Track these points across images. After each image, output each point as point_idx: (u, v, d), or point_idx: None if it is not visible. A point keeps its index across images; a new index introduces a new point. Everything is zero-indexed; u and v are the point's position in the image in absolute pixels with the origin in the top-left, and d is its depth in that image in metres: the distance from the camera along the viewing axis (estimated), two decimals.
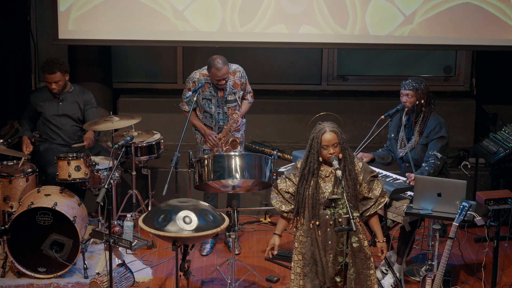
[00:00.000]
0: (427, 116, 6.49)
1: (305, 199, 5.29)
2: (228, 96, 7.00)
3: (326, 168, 5.32)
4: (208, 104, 7.01)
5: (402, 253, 6.50)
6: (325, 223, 5.28)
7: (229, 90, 6.97)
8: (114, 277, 5.96)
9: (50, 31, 7.99)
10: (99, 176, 7.08)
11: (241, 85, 7.03)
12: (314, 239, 5.32)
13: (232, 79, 6.99)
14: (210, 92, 6.98)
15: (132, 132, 7.25)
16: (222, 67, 6.81)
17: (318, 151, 5.27)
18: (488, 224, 5.96)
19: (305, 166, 5.31)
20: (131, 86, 8.92)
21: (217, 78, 6.83)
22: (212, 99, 6.99)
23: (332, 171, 5.29)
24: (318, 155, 5.27)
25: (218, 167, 6.46)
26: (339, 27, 7.87)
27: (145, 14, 7.81)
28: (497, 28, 7.85)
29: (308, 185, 5.29)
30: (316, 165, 5.29)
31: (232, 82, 6.99)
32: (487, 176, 7.84)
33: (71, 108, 7.45)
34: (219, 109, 7.01)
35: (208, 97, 6.99)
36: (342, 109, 8.54)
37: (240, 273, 6.71)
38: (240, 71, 7.05)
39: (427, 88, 6.50)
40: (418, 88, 6.46)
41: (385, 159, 6.70)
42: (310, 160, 5.30)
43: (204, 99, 7.00)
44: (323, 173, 5.31)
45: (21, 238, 6.58)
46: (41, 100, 7.45)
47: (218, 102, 6.99)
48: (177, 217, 5.62)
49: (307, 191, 5.28)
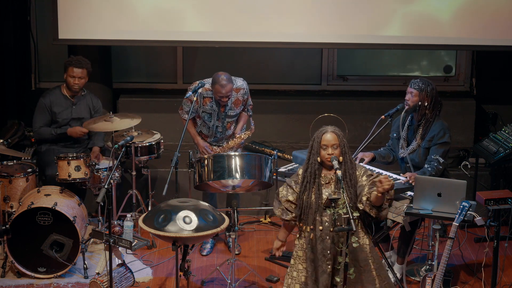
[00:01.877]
0: (431, 120, 6.45)
1: (308, 205, 5.25)
2: (229, 111, 6.99)
3: (326, 173, 5.27)
4: (208, 117, 7.00)
5: (402, 253, 6.50)
6: (326, 231, 5.23)
7: (230, 105, 6.96)
8: (114, 277, 5.96)
9: (50, 31, 7.99)
10: (99, 176, 7.08)
11: (243, 101, 7.02)
12: (315, 248, 5.27)
13: (235, 95, 6.96)
14: (211, 107, 6.96)
15: (132, 132, 7.25)
16: (227, 84, 6.76)
17: (318, 152, 5.24)
18: (488, 224, 5.95)
19: (307, 167, 5.28)
20: (131, 86, 8.92)
21: (220, 95, 6.81)
22: (213, 113, 6.98)
23: (332, 177, 5.25)
24: (317, 156, 5.24)
25: (218, 167, 6.46)
26: (339, 27, 7.87)
27: (145, 14, 7.81)
28: (497, 28, 7.85)
29: (311, 190, 5.25)
30: (317, 166, 5.25)
31: (234, 99, 6.96)
32: (487, 176, 7.84)
33: (84, 112, 7.39)
34: (218, 122, 7.00)
35: (209, 111, 6.98)
36: (342, 109, 8.53)
37: (240, 273, 6.71)
38: (244, 88, 7.00)
39: (433, 91, 6.44)
40: (423, 89, 6.41)
41: (386, 158, 6.70)
42: (311, 161, 5.26)
43: (204, 112, 6.99)
44: (323, 180, 5.26)
45: (21, 238, 6.58)
46: (56, 104, 7.32)
47: (219, 116, 6.97)
48: (177, 217, 5.62)
49: (310, 197, 5.23)
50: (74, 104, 7.36)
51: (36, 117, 7.35)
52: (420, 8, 7.82)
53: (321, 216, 5.24)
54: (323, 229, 5.24)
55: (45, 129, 7.30)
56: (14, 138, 8.26)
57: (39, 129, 7.32)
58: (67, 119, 7.33)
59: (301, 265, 5.36)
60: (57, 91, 7.37)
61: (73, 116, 7.35)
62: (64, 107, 7.33)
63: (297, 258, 5.38)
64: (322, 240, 5.24)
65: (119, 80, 8.83)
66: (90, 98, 7.44)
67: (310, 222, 5.26)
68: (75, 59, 7.27)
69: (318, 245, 5.25)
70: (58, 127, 7.32)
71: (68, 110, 7.34)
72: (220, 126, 7.02)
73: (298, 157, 6.62)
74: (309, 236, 5.28)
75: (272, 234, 7.47)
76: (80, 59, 7.27)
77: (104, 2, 7.78)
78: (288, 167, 6.68)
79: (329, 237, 5.23)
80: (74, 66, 7.24)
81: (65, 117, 7.33)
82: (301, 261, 5.36)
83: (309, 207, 5.25)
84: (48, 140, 7.33)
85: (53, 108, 7.30)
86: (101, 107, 7.52)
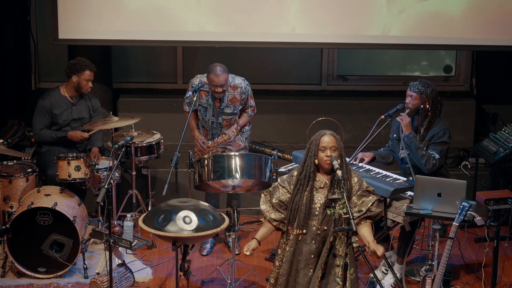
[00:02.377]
0: (432, 121, 6.45)
1: (298, 208, 5.24)
2: (225, 108, 6.98)
3: (321, 178, 5.26)
4: (203, 111, 6.99)
5: (402, 253, 6.50)
6: (312, 236, 5.24)
7: (226, 102, 6.95)
8: (114, 277, 5.96)
9: (50, 31, 7.99)
10: (99, 176, 7.08)
11: (241, 101, 7.00)
12: (299, 250, 5.27)
13: (232, 93, 6.95)
14: (207, 101, 6.96)
15: (132, 132, 7.25)
16: (221, 74, 6.75)
17: (315, 154, 5.22)
18: (488, 224, 5.95)
19: (302, 170, 5.27)
20: (131, 86, 8.92)
21: (213, 84, 6.80)
22: (208, 108, 6.97)
23: (327, 181, 5.24)
24: (315, 158, 5.23)
25: (218, 167, 6.46)
26: (339, 27, 7.87)
27: (145, 14, 7.81)
28: (497, 28, 7.85)
29: (304, 193, 5.24)
30: (313, 169, 5.24)
31: (231, 96, 6.95)
32: (487, 176, 7.84)
33: (83, 113, 7.38)
34: (213, 118, 6.99)
35: (205, 105, 6.97)
36: (342, 109, 8.54)
37: (240, 273, 6.71)
38: (242, 87, 6.98)
39: (433, 92, 6.43)
40: (424, 92, 6.40)
41: (386, 158, 6.70)
42: (307, 164, 5.25)
43: (200, 106, 6.99)
44: (317, 184, 5.25)
45: (21, 238, 6.58)
46: (56, 105, 7.29)
47: (214, 111, 6.96)
48: (177, 217, 5.62)
49: (301, 200, 5.23)
50: (73, 104, 7.35)
51: (36, 119, 7.32)
52: (420, 8, 7.82)
53: (310, 220, 5.24)
54: (307, 232, 5.23)
55: (46, 131, 7.29)
56: (14, 138, 8.25)
57: (39, 131, 7.31)
58: (67, 120, 7.33)
59: (277, 262, 5.39)
60: (56, 92, 7.35)
61: (73, 116, 7.34)
62: (64, 108, 7.32)
63: (277, 255, 5.42)
64: (307, 244, 5.24)
65: (119, 80, 8.83)
66: (89, 98, 7.43)
67: (299, 225, 5.25)
68: (88, 62, 7.24)
69: (304, 248, 5.25)
70: (59, 128, 7.32)
71: (68, 111, 7.33)
72: (215, 122, 7.00)
73: (298, 157, 6.62)
74: (295, 239, 5.27)
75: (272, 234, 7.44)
76: (90, 62, 7.25)
77: (104, 2, 7.78)
78: (288, 167, 6.68)
79: (314, 241, 5.23)
80: (90, 69, 7.22)
81: (65, 118, 7.32)
82: (279, 258, 5.38)
83: (299, 210, 5.24)
84: (48, 143, 7.33)
85: (53, 109, 7.29)
86: (99, 106, 7.52)
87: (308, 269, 5.26)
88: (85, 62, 7.23)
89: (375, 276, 6.29)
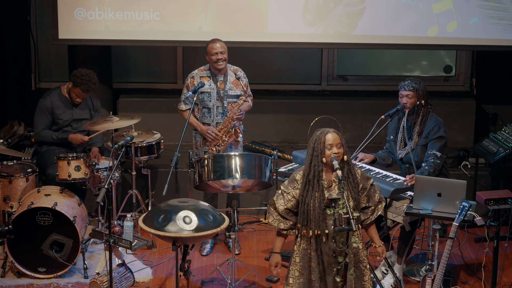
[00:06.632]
0: (425, 117, 6.48)
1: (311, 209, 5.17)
2: (229, 91, 6.98)
3: (327, 177, 5.22)
4: (207, 97, 6.98)
5: (402, 253, 6.50)
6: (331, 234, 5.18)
7: (229, 85, 6.96)
8: (114, 277, 5.96)
9: (50, 31, 7.99)
10: (99, 176, 7.08)
11: (242, 86, 7.00)
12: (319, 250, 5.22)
13: (233, 76, 6.99)
14: (210, 85, 6.97)
15: (132, 132, 7.25)
16: (219, 41, 6.92)
17: (322, 152, 5.16)
18: (488, 224, 5.95)
19: (309, 171, 5.18)
20: (131, 86, 8.92)
21: (214, 51, 6.88)
22: (212, 92, 6.97)
23: (334, 179, 5.20)
24: (322, 156, 5.16)
25: (218, 167, 6.46)
26: (339, 27, 7.87)
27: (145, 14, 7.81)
28: (497, 28, 7.85)
29: (314, 194, 5.17)
30: (321, 168, 5.18)
31: (233, 79, 6.98)
32: (487, 176, 7.84)
33: (84, 113, 7.38)
34: (218, 102, 6.98)
35: (208, 90, 6.98)
36: (342, 109, 8.54)
37: (240, 273, 6.71)
38: (241, 71, 7.06)
39: (425, 88, 6.51)
40: (418, 89, 6.46)
41: (385, 160, 6.70)
42: (314, 163, 5.17)
43: (203, 93, 6.98)
44: (325, 183, 5.21)
45: (21, 238, 6.58)
46: (57, 106, 7.29)
47: (218, 94, 6.95)
48: (177, 217, 5.62)
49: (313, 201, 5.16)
50: (74, 106, 7.35)
51: (37, 119, 7.33)
52: (420, 8, 7.82)
53: (326, 220, 5.20)
54: (329, 232, 5.19)
55: (47, 132, 7.29)
56: (14, 138, 8.25)
57: (40, 131, 7.31)
58: (68, 120, 7.33)
59: (298, 271, 5.31)
60: (57, 92, 7.35)
61: (74, 117, 7.34)
62: (65, 109, 7.32)
63: (294, 264, 5.32)
64: (328, 243, 5.22)
65: (119, 80, 8.84)
66: (89, 98, 7.43)
67: (315, 226, 5.23)
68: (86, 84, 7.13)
69: (325, 248, 5.22)
70: (59, 128, 7.32)
71: (69, 112, 7.34)
72: (220, 106, 6.98)
73: (298, 157, 6.62)
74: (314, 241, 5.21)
75: (272, 234, 7.46)
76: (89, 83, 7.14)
77: (104, 2, 7.78)
78: (288, 167, 6.68)
79: (334, 239, 5.22)
80: (83, 91, 7.17)
81: (66, 119, 7.32)
82: (298, 267, 5.30)
83: (312, 211, 5.19)
84: (49, 143, 7.33)
85: (54, 110, 7.29)
86: (99, 105, 7.53)
87: (331, 268, 5.23)
88: (83, 79, 7.14)
89: (375, 276, 6.29)
